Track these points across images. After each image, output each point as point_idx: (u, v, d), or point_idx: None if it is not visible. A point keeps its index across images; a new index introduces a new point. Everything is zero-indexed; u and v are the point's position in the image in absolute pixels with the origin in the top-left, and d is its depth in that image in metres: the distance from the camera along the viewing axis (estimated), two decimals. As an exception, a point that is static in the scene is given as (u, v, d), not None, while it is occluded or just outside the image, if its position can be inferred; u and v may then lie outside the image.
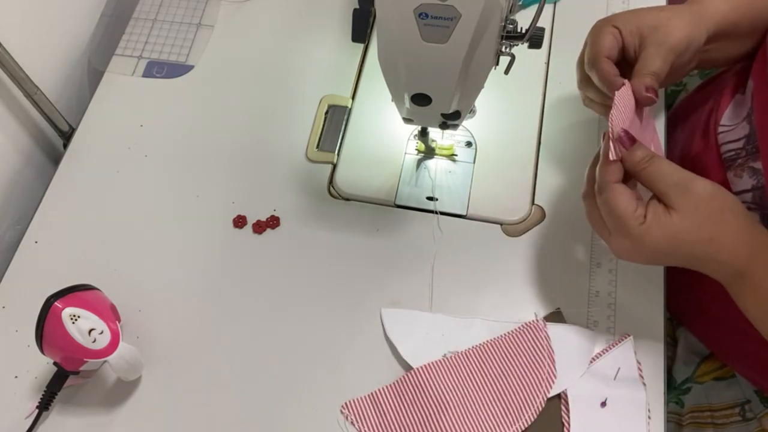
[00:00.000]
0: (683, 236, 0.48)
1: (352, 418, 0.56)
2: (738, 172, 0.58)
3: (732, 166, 0.58)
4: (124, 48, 0.77)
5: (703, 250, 0.49)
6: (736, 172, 0.58)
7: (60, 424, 0.58)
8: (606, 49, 0.56)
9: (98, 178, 0.69)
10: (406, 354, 0.58)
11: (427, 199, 0.65)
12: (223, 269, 0.63)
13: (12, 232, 0.72)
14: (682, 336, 0.71)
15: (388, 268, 0.62)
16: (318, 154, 0.69)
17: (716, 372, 0.67)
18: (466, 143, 0.68)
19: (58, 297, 0.54)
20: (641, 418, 0.55)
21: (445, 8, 0.43)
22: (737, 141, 0.58)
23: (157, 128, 0.72)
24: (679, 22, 0.56)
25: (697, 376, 0.66)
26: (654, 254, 0.50)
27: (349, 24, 0.71)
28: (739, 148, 0.58)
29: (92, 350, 0.53)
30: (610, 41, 0.56)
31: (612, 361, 0.57)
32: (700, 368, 0.66)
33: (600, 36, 0.57)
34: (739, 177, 0.57)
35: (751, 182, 0.57)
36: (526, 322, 0.59)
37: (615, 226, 0.50)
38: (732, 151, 0.59)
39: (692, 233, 0.48)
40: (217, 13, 0.79)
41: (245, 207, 0.66)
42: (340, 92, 0.72)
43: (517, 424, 0.54)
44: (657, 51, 0.55)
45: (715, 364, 0.67)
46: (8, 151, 0.71)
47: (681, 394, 0.68)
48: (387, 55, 0.49)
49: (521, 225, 0.64)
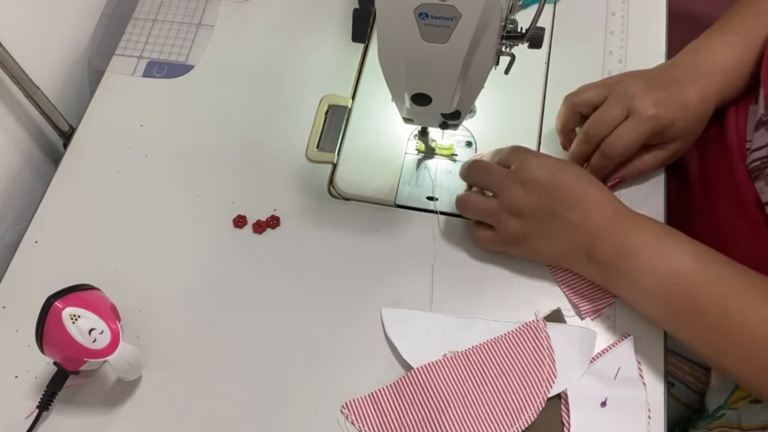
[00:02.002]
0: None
1: (353, 418, 0.56)
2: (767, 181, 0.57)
3: (760, 176, 0.58)
4: (124, 48, 0.77)
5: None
6: (767, 181, 0.58)
7: (60, 424, 0.58)
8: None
9: (98, 178, 0.69)
10: (406, 354, 0.58)
11: (428, 199, 0.65)
12: (223, 269, 0.63)
13: (12, 232, 0.72)
14: None
15: (388, 268, 0.63)
16: (318, 154, 0.69)
17: (752, 396, 0.64)
18: (466, 143, 0.68)
19: (58, 297, 0.54)
20: (641, 418, 0.55)
21: (446, 8, 0.43)
22: (760, 150, 0.58)
23: (157, 128, 0.72)
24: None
25: (731, 403, 0.64)
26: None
27: (349, 24, 0.71)
28: (764, 157, 0.58)
29: (92, 350, 0.53)
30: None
31: (612, 361, 0.57)
32: (735, 395, 0.64)
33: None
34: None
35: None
36: (526, 322, 0.59)
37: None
38: (757, 160, 0.59)
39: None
40: (217, 13, 0.79)
41: (245, 207, 0.66)
42: (340, 92, 0.72)
43: (517, 424, 0.54)
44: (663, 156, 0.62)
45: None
46: (8, 151, 0.71)
47: (713, 420, 0.66)
48: (387, 55, 0.49)
49: (521, 225, 0.64)
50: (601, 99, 0.60)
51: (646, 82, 0.60)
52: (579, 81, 0.67)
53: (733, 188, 0.61)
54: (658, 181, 0.65)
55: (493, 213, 0.59)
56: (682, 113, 0.59)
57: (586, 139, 0.61)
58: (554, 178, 0.56)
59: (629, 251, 0.54)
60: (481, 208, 0.60)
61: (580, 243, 0.56)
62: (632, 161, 0.62)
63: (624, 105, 0.59)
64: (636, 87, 0.59)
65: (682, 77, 0.60)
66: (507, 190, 0.58)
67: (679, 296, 0.53)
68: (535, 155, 0.59)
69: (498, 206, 0.58)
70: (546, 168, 0.57)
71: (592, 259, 0.56)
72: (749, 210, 0.59)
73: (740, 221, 0.61)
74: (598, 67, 0.71)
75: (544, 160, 0.58)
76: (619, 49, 0.72)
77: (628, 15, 0.74)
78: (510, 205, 0.57)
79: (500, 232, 0.59)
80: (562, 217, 0.56)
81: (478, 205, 0.60)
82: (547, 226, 0.57)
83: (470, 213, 0.61)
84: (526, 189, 0.57)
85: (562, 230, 0.57)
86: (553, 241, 0.58)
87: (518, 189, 0.57)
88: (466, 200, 0.61)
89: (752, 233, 0.60)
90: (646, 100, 0.58)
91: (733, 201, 0.61)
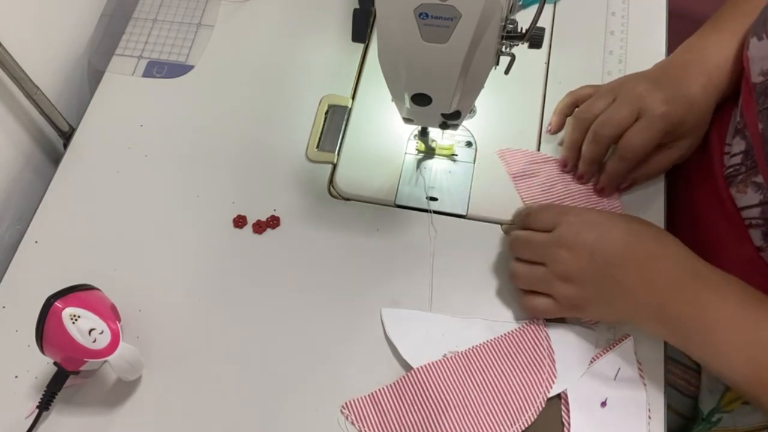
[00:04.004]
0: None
1: (353, 418, 0.56)
2: (741, 188, 0.57)
3: (734, 182, 0.58)
4: (124, 48, 0.77)
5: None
6: (738, 188, 0.57)
7: (60, 424, 0.58)
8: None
9: (98, 178, 0.69)
10: (406, 354, 0.58)
11: (428, 199, 0.65)
12: (223, 269, 0.63)
13: (12, 232, 0.72)
14: None
15: (388, 268, 0.62)
16: (318, 154, 0.69)
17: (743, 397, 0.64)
18: (466, 143, 0.68)
19: (58, 297, 0.54)
20: (641, 418, 0.55)
21: (446, 8, 0.43)
22: (735, 156, 0.58)
23: (157, 128, 0.72)
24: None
25: (723, 405, 0.63)
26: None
27: (349, 24, 0.71)
28: (738, 164, 0.58)
29: (92, 350, 0.53)
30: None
31: (612, 361, 0.57)
32: (726, 396, 0.63)
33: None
34: (743, 193, 0.57)
35: (758, 197, 0.56)
36: (526, 322, 0.59)
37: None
38: (731, 167, 0.59)
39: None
40: (217, 13, 0.79)
41: (245, 207, 0.66)
42: (340, 92, 0.72)
43: (517, 424, 0.54)
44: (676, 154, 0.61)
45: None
46: (8, 151, 0.71)
47: (711, 426, 0.65)
48: (387, 55, 0.49)
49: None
50: (608, 104, 0.60)
51: (650, 82, 0.59)
52: (579, 81, 0.67)
53: (712, 189, 0.61)
54: (659, 189, 0.64)
55: (544, 282, 0.56)
56: (690, 109, 0.58)
57: (594, 138, 0.60)
58: (603, 239, 0.53)
59: (708, 321, 0.50)
60: (530, 278, 0.57)
61: (645, 305, 0.52)
62: (645, 163, 0.61)
63: (633, 105, 0.58)
64: (642, 87, 0.58)
65: (683, 75, 0.60)
66: (554, 259, 0.54)
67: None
68: (576, 213, 0.56)
69: (548, 275, 0.55)
70: (592, 229, 0.53)
71: (662, 322, 0.52)
72: (729, 212, 0.59)
73: (721, 222, 0.61)
74: (598, 67, 0.71)
75: (587, 219, 0.54)
76: (619, 49, 0.72)
77: (628, 15, 0.74)
78: (560, 273, 0.54)
79: (558, 300, 0.56)
80: (618, 279, 0.52)
81: (526, 275, 0.57)
82: (605, 290, 0.53)
83: (522, 285, 0.58)
84: (573, 254, 0.53)
85: (622, 293, 0.53)
86: (615, 305, 0.54)
87: (565, 255, 0.53)
88: (512, 273, 0.58)
89: (735, 236, 0.60)
90: (656, 99, 0.57)
91: (714, 202, 0.61)
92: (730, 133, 0.61)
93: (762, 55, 0.55)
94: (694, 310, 0.50)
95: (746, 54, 0.57)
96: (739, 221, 0.58)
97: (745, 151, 0.57)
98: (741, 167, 0.58)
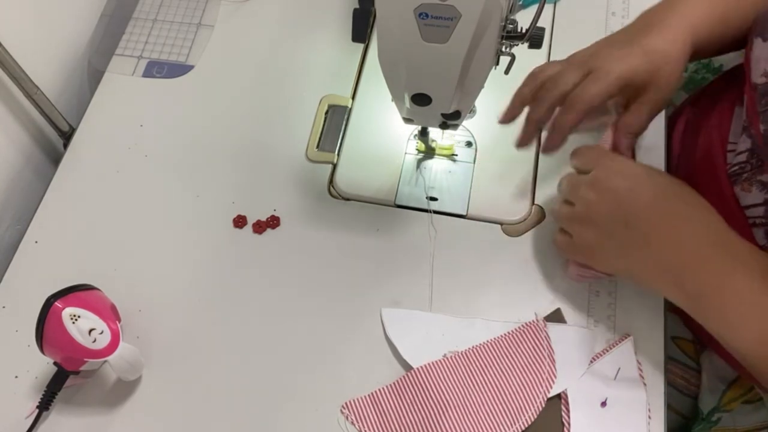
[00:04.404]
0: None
1: (353, 418, 0.56)
2: (746, 186, 0.57)
3: (738, 180, 0.58)
4: (124, 48, 0.77)
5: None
6: (743, 186, 0.57)
7: (60, 424, 0.58)
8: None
9: (98, 178, 0.69)
10: (406, 354, 0.58)
11: (428, 199, 0.65)
12: (223, 269, 0.63)
13: (12, 232, 0.72)
14: (707, 361, 0.67)
15: (388, 268, 0.62)
16: (318, 154, 0.69)
17: (744, 396, 0.64)
18: (466, 143, 0.68)
19: (58, 297, 0.54)
20: (641, 418, 0.55)
21: (445, 8, 0.43)
22: (741, 154, 0.58)
23: (157, 128, 0.72)
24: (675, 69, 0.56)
25: (723, 404, 0.63)
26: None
27: (349, 24, 0.71)
28: (743, 162, 0.58)
29: (92, 350, 0.53)
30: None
31: (612, 361, 0.57)
32: (727, 395, 0.63)
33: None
34: (748, 191, 0.57)
35: (762, 196, 0.56)
36: (526, 322, 0.59)
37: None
38: (736, 165, 0.58)
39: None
40: (217, 13, 0.79)
41: (245, 207, 0.66)
42: (340, 92, 0.72)
43: (517, 424, 0.54)
44: (645, 109, 0.57)
45: (742, 389, 0.64)
46: (8, 151, 0.71)
47: (711, 425, 0.64)
48: (387, 55, 0.49)
49: (521, 225, 0.64)
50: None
51: (606, 42, 0.58)
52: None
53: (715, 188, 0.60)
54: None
55: (568, 220, 0.55)
56: (647, 57, 0.55)
57: (538, 102, 0.58)
58: (633, 189, 0.51)
59: (728, 292, 0.48)
60: (560, 215, 0.57)
61: (666, 265, 0.50)
62: (621, 123, 0.58)
63: (584, 66, 0.56)
64: (592, 48, 0.57)
65: (644, 27, 0.57)
66: (580, 197, 0.54)
67: None
68: (614, 158, 0.55)
69: (572, 213, 0.54)
70: (626, 178, 0.52)
71: (679, 285, 0.50)
72: (732, 210, 0.59)
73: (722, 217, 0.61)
74: (598, 67, 0.71)
75: (623, 166, 0.53)
76: (619, 49, 0.72)
77: (628, 15, 0.74)
78: (582, 214, 0.54)
79: (575, 239, 0.55)
80: (644, 232, 0.51)
81: (558, 212, 0.57)
82: (624, 241, 0.52)
83: (556, 221, 0.58)
84: (601, 198, 0.52)
85: (642, 248, 0.51)
86: (630, 257, 0.52)
87: (593, 197, 0.53)
88: (554, 210, 0.58)
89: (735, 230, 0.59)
90: (609, 54, 0.55)
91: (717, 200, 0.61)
92: (736, 131, 0.60)
93: (766, 56, 0.54)
94: (717, 279, 0.48)
95: (749, 54, 0.57)
96: (742, 220, 0.58)
97: (750, 149, 0.57)
98: (746, 165, 0.57)
